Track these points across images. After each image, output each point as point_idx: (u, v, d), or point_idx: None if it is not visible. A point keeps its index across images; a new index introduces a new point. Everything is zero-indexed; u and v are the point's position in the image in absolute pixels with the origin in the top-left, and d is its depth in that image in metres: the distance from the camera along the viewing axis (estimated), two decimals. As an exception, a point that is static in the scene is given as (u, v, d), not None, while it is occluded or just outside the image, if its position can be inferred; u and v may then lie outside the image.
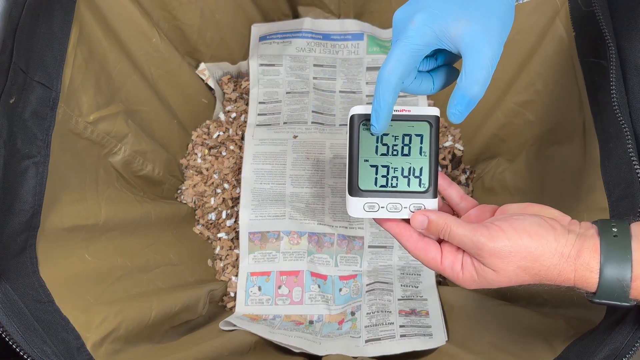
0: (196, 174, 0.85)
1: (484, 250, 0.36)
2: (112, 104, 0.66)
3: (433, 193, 0.42)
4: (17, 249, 0.47)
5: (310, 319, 0.75)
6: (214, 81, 0.88)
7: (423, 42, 0.37)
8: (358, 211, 0.42)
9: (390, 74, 0.37)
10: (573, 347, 0.48)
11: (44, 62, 0.52)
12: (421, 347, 0.68)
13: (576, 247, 0.36)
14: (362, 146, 0.42)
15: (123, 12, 0.68)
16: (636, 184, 0.44)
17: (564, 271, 0.36)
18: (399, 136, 0.42)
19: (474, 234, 0.37)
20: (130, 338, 0.56)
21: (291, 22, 0.93)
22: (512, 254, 0.36)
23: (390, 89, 0.38)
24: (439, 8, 0.37)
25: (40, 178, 0.50)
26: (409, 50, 0.37)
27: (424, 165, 0.42)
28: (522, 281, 0.37)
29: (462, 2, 0.37)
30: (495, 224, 0.37)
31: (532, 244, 0.36)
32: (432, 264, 0.41)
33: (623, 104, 0.48)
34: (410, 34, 0.37)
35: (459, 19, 0.37)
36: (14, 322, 0.43)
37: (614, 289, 0.35)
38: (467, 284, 0.39)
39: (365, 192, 0.42)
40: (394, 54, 0.38)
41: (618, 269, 0.34)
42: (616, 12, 0.52)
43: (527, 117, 0.70)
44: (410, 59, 0.38)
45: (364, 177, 0.42)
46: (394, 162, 0.42)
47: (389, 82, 0.38)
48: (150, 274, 0.66)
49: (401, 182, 0.42)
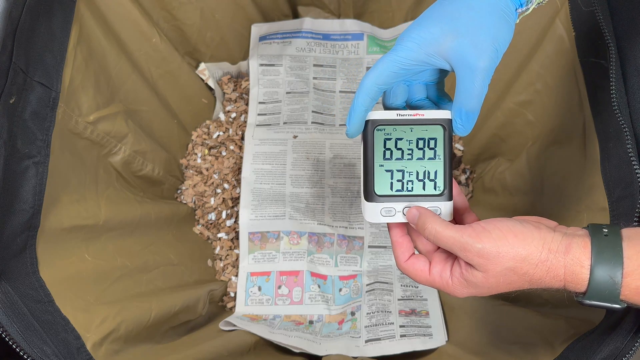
0: (196, 174, 0.85)
1: (471, 252, 0.36)
2: (112, 104, 0.66)
3: (448, 196, 0.42)
4: (17, 249, 0.47)
5: (310, 319, 0.75)
6: (214, 81, 0.88)
7: (409, 57, 0.39)
8: (375, 216, 0.42)
9: (370, 81, 0.39)
10: (573, 347, 0.48)
11: (44, 62, 0.52)
12: (421, 347, 0.68)
13: (564, 242, 0.35)
14: (377, 151, 0.42)
15: (123, 12, 0.68)
16: (636, 184, 0.44)
17: (553, 267, 0.35)
18: (413, 140, 0.42)
19: (461, 235, 0.37)
20: (130, 338, 0.56)
21: (291, 22, 0.93)
22: (499, 255, 0.36)
23: (367, 95, 0.40)
24: (428, 26, 0.38)
25: (40, 178, 0.50)
26: (393, 62, 0.39)
27: (439, 169, 0.42)
28: (510, 282, 0.37)
29: (450, 18, 0.38)
30: (480, 225, 0.37)
31: (518, 243, 0.36)
32: (420, 276, 0.41)
33: (623, 104, 0.48)
34: (399, 48, 0.39)
35: (446, 34, 0.38)
36: (14, 322, 0.43)
37: (605, 287, 0.35)
38: (458, 291, 0.39)
39: (382, 197, 0.42)
40: (380, 63, 0.39)
41: (609, 265, 0.34)
42: (616, 12, 0.52)
43: (527, 117, 0.70)
44: (394, 70, 0.39)
45: (380, 182, 0.42)
46: (409, 167, 0.42)
47: (368, 89, 0.40)
48: (150, 274, 0.66)
49: (417, 186, 0.42)
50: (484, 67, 0.37)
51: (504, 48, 0.38)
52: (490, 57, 0.37)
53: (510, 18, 0.39)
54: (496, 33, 0.37)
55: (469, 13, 0.38)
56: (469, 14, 0.38)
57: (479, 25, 0.37)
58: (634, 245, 0.35)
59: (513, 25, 0.39)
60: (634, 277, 0.34)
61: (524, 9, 0.40)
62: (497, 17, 0.38)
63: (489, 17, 0.38)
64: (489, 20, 0.38)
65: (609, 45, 0.49)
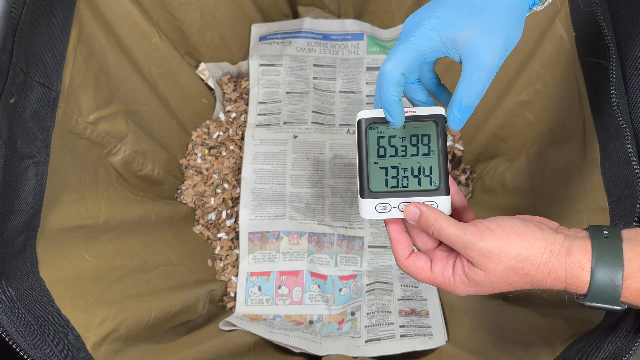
0: (196, 174, 0.85)
1: (473, 250, 0.36)
2: (111, 104, 0.66)
3: (445, 190, 0.42)
4: (17, 249, 0.47)
5: (310, 319, 0.75)
6: (214, 81, 0.88)
7: (429, 45, 0.38)
8: (370, 213, 0.42)
9: (393, 69, 0.38)
10: (573, 347, 0.48)
11: (43, 62, 0.52)
12: (421, 347, 0.68)
13: (566, 245, 0.36)
14: (371, 149, 0.42)
15: (123, 12, 0.68)
16: (636, 184, 0.44)
17: (554, 269, 0.35)
18: (406, 137, 0.42)
19: (464, 232, 0.37)
20: (130, 338, 0.56)
21: (291, 22, 0.93)
22: (501, 254, 0.36)
23: (393, 81, 0.38)
24: (448, 16, 0.38)
25: (40, 178, 0.50)
26: (414, 49, 0.38)
27: (434, 164, 0.42)
28: (512, 282, 0.37)
29: (471, 13, 0.38)
30: (484, 223, 0.37)
31: (521, 243, 0.36)
32: (422, 274, 0.41)
33: (623, 104, 0.48)
34: (417, 34, 0.38)
35: (466, 29, 0.37)
36: (14, 322, 0.43)
37: (605, 290, 0.35)
38: (459, 289, 0.39)
39: (377, 194, 0.42)
40: (399, 50, 0.38)
41: (610, 268, 0.34)
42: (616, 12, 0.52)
43: (527, 117, 0.70)
44: (414, 58, 0.38)
45: (375, 179, 0.42)
46: (403, 163, 0.42)
47: (392, 76, 0.38)
48: (150, 274, 0.66)
49: (412, 181, 0.42)
50: (493, 66, 0.37)
51: (512, 48, 0.39)
52: (500, 56, 0.37)
53: (522, 17, 0.39)
54: (509, 33, 0.38)
55: (490, 9, 0.37)
56: (491, 10, 0.37)
57: (497, 24, 0.37)
58: (634, 247, 0.35)
59: (523, 24, 0.39)
60: (635, 280, 0.34)
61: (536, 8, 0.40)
62: (513, 17, 0.38)
63: (506, 16, 0.38)
64: (506, 20, 0.38)
65: (609, 45, 0.49)
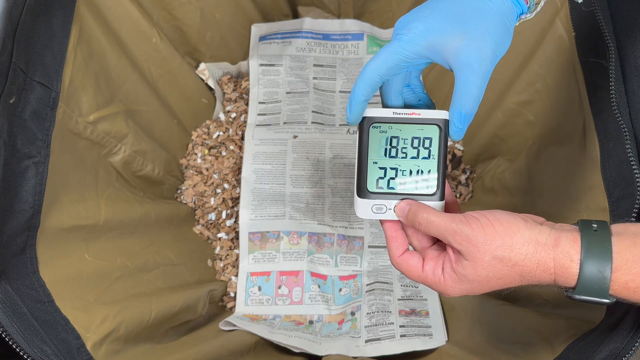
0: (196, 174, 0.85)
1: (460, 235, 0.37)
2: (111, 104, 0.66)
3: (440, 196, 0.42)
4: (17, 249, 0.47)
5: (310, 319, 0.75)
6: (214, 81, 0.88)
7: (412, 50, 0.38)
8: (366, 212, 0.43)
9: (372, 71, 0.39)
10: (573, 347, 0.48)
11: (43, 62, 0.52)
12: (421, 347, 0.68)
13: (552, 235, 0.36)
14: (372, 148, 0.42)
15: (123, 12, 0.68)
16: (636, 183, 0.44)
17: (542, 260, 0.36)
18: (408, 139, 0.42)
19: (452, 220, 0.38)
20: (130, 338, 0.56)
21: (291, 22, 0.93)
22: (487, 242, 0.36)
23: (367, 83, 0.39)
24: (437, 21, 0.38)
25: (40, 178, 0.50)
26: (396, 53, 0.38)
27: (432, 169, 0.42)
28: (501, 276, 0.37)
29: (460, 19, 0.38)
30: (471, 214, 0.38)
31: (505, 232, 0.36)
32: (413, 272, 0.41)
33: (623, 104, 0.48)
34: (403, 39, 0.38)
35: (454, 35, 0.37)
36: (14, 322, 0.43)
37: (594, 282, 0.35)
38: (450, 287, 0.39)
39: (374, 194, 0.42)
40: (382, 53, 0.39)
41: (599, 260, 0.35)
42: (616, 12, 0.52)
43: (527, 117, 0.70)
44: (396, 62, 0.39)
45: (373, 178, 0.42)
46: (402, 165, 0.42)
47: (369, 78, 0.39)
48: (150, 274, 0.66)
49: (409, 184, 0.42)
50: (486, 72, 0.38)
51: (502, 55, 0.39)
52: (491, 62, 0.38)
53: (511, 26, 0.39)
54: (498, 40, 0.38)
55: (479, 16, 0.38)
56: (479, 17, 0.38)
57: (487, 31, 0.37)
58: (622, 240, 0.35)
59: (512, 33, 0.39)
60: (623, 272, 0.34)
61: (525, 16, 0.41)
62: (502, 24, 0.38)
63: (495, 24, 0.38)
64: (495, 27, 0.38)
65: (609, 45, 0.49)
